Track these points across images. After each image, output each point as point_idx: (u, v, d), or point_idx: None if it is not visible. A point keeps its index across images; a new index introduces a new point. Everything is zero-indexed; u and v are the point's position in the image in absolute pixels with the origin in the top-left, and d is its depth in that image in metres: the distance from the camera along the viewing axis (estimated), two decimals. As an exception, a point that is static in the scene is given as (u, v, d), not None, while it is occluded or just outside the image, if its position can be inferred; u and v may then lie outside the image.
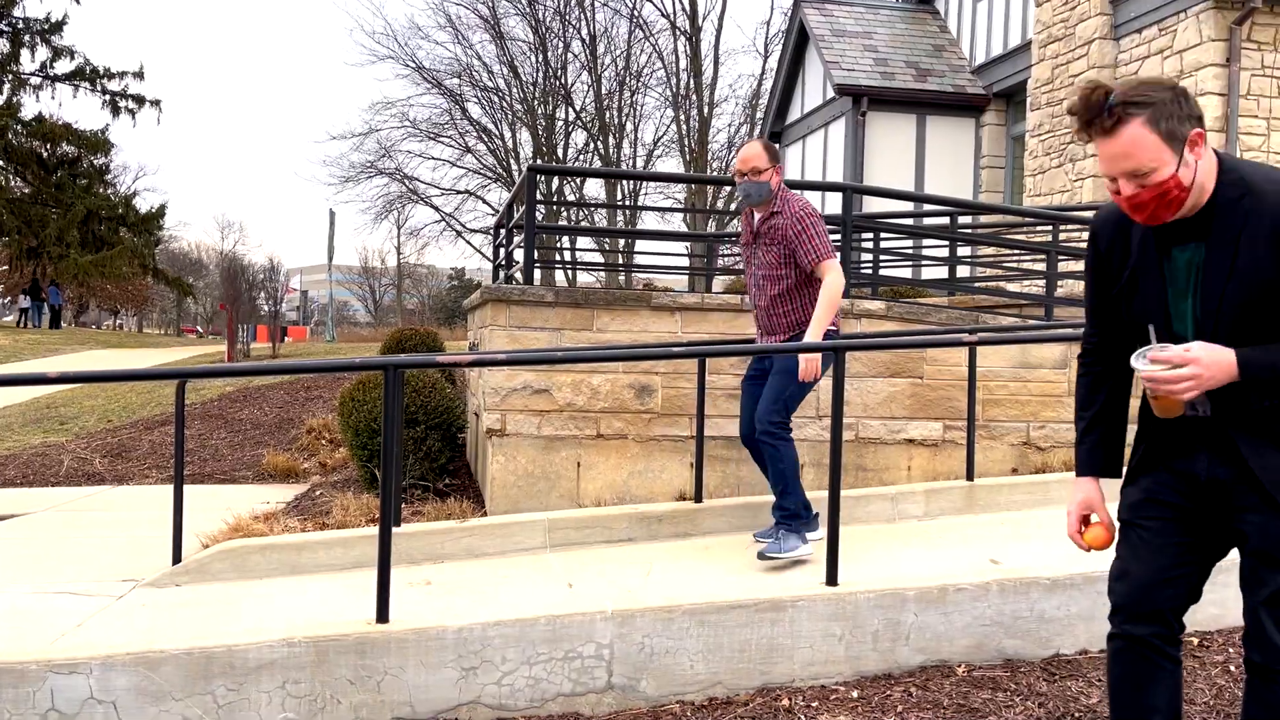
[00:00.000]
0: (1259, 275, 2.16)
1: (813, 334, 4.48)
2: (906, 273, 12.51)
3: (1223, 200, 2.20)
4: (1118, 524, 2.47)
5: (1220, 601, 3.91)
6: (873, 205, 13.63)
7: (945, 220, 10.93)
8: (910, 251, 10.46)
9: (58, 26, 33.07)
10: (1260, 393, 2.21)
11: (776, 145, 8.99)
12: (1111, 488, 2.48)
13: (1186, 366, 2.15)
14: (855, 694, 3.52)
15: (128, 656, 3.26)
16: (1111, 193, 2.22)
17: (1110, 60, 12.38)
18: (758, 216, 4.84)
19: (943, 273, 11.04)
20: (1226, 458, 2.28)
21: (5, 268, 42.54)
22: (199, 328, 59.12)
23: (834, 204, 14.91)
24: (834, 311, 4.58)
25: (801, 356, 4.44)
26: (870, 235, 10.32)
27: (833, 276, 4.56)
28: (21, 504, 7.75)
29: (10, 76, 32.47)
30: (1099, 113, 2.13)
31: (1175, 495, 2.36)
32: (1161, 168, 2.12)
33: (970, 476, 6.20)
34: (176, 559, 5.33)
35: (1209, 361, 2.15)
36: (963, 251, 11.41)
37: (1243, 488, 2.25)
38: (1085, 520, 2.49)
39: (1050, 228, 9.43)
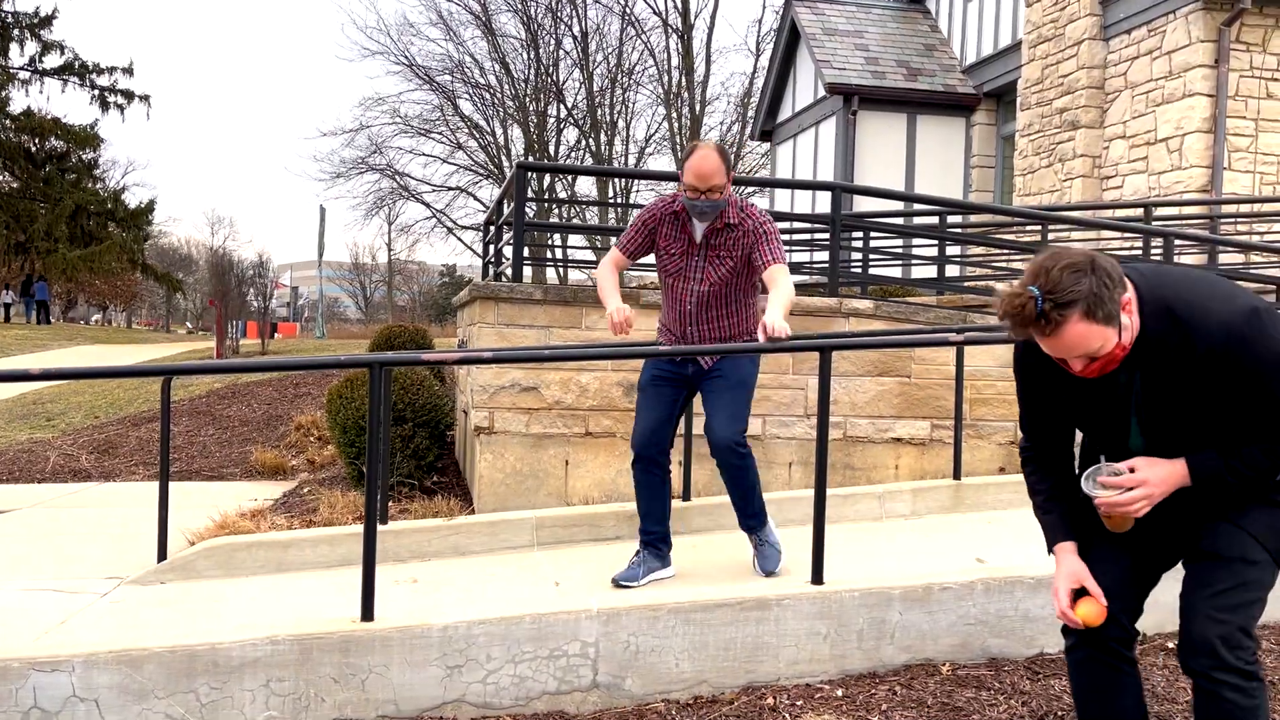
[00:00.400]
0: (1196, 397, 2.21)
1: (779, 322, 4.06)
2: (896, 272, 12.53)
3: (1152, 333, 2.22)
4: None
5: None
6: (862, 204, 13.65)
7: (935, 220, 10.96)
8: (900, 251, 10.47)
9: (47, 21, 32.91)
10: (1217, 487, 2.28)
11: (729, 148, 8.77)
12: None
13: (1137, 489, 2.24)
14: (840, 693, 3.53)
15: (110, 654, 3.24)
16: (1059, 361, 2.25)
17: (1100, 61, 12.42)
18: (700, 226, 4.28)
19: (932, 272, 11.06)
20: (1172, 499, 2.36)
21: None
22: (189, 323, 58.86)
23: (824, 203, 14.93)
24: (790, 308, 4.40)
25: (780, 321, 4.04)
26: (860, 234, 10.33)
27: (788, 277, 4.30)
28: (7, 501, 7.71)
29: (-2, 70, 32.30)
30: (1033, 321, 2.13)
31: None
32: (1105, 343, 2.15)
33: (957, 475, 6.21)
34: (162, 556, 5.31)
35: (1157, 479, 2.24)
36: (952, 251, 11.44)
37: (1187, 503, 2.33)
38: (1074, 594, 2.42)
39: (1039, 227, 9.46)
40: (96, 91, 33.46)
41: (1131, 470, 2.26)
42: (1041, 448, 2.53)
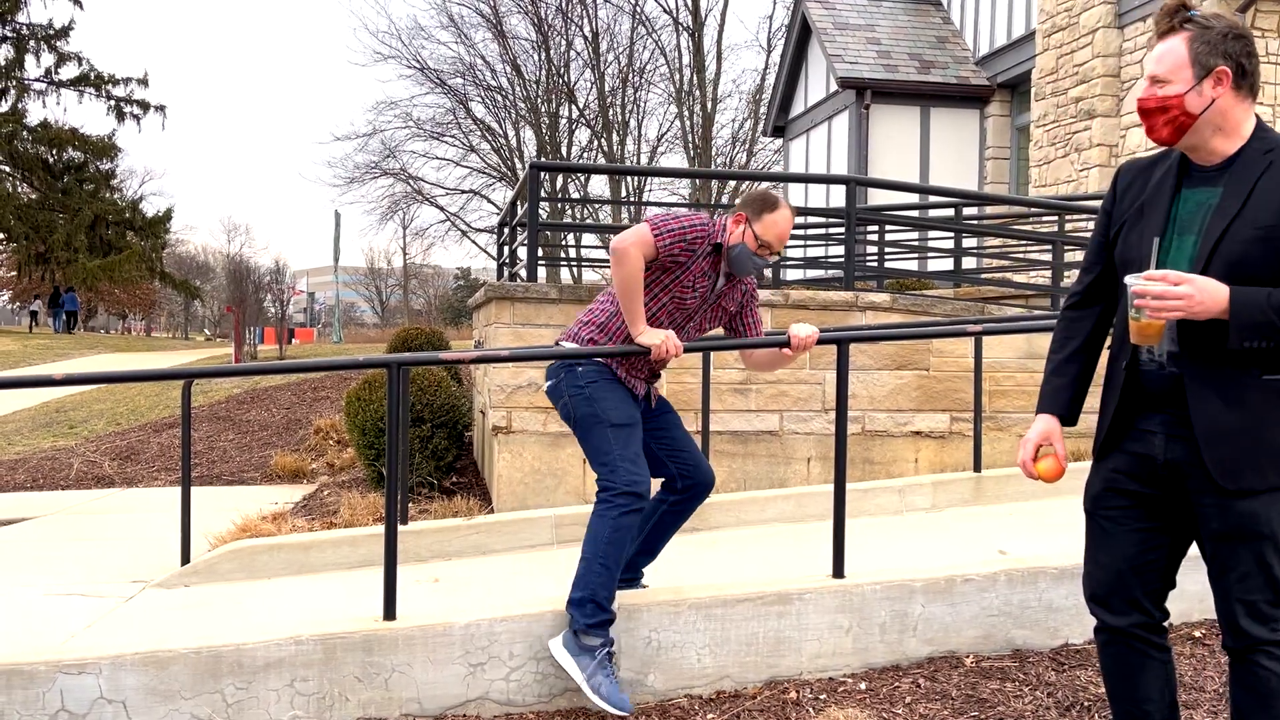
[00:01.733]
0: (1266, 220, 2.18)
1: (806, 328, 3.75)
2: (912, 265, 12.48)
3: (1249, 153, 2.25)
4: (1083, 514, 2.48)
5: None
6: (877, 198, 13.59)
7: (950, 212, 10.91)
8: (915, 244, 10.43)
9: (63, 32, 33.16)
10: (1243, 333, 2.18)
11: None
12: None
13: (1181, 285, 2.16)
14: (863, 686, 3.52)
15: (137, 656, 3.27)
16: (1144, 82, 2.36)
17: (1115, 49, 12.33)
18: (722, 283, 3.69)
19: (948, 265, 11.01)
20: (1181, 435, 2.27)
21: (13, 273, 42.67)
22: (206, 330, 59.22)
23: (838, 197, 14.89)
24: None
25: (806, 327, 3.72)
26: (875, 228, 10.30)
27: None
28: (32, 507, 7.78)
29: (14, 82, 32.58)
30: (1167, 13, 2.27)
31: (1134, 483, 2.36)
32: (1174, 83, 2.23)
33: (978, 468, 6.18)
34: (185, 560, 5.35)
35: (1203, 287, 2.16)
36: (968, 243, 11.38)
37: (1198, 471, 2.25)
38: (1038, 450, 2.49)
39: (1056, 218, 9.40)
40: (112, 102, 33.70)
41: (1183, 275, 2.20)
42: (1092, 284, 2.49)
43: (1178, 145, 2.31)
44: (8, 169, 32.54)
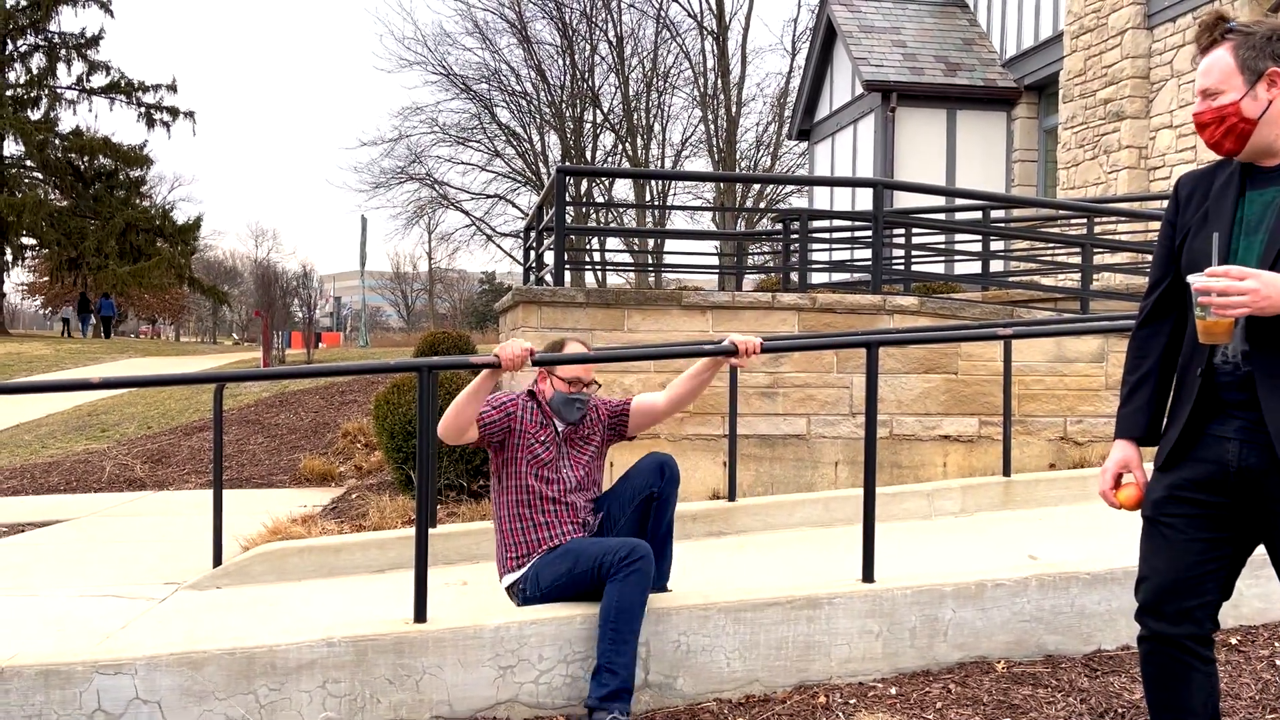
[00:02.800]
0: None
1: (741, 337, 3.75)
2: (939, 268, 12.41)
3: None
4: (1142, 520, 2.42)
5: (1265, 595, 3.85)
6: (902, 201, 13.53)
7: (978, 215, 10.84)
8: (943, 247, 10.37)
9: (93, 41, 33.62)
10: None
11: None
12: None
13: (1247, 280, 2.12)
14: (893, 691, 3.50)
15: (171, 657, 3.30)
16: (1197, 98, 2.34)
17: (1144, 50, 12.22)
18: (562, 426, 3.79)
19: (975, 268, 10.94)
20: (1258, 441, 2.23)
21: (45, 279, 43.27)
22: (234, 335, 59.77)
23: (865, 200, 14.83)
24: None
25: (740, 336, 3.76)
26: (901, 231, 10.25)
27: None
28: (66, 510, 7.88)
29: (47, 91, 33.04)
30: (1206, 29, 2.27)
31: (1202, 491, 2.31)
32: (1227, 92, 2.23)
33: (1007, 472, 6.14)
34: (217, 562, 5.40)
35: (1269, 281, 2.12)
36: (996, 246, 11.31)
37: (1275, 477, 2.20)
38: (1119, 479, 2.45)
39: (1085, 220, 9.32)
40: (142, 109, 34.12)
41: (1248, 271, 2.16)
42: (1161, 298, 2.43)
43: (1242, 154, 2.28)
44: (40, 176, 33.02)
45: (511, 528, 3.72)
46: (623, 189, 33.26)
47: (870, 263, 7.25)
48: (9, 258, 33.79)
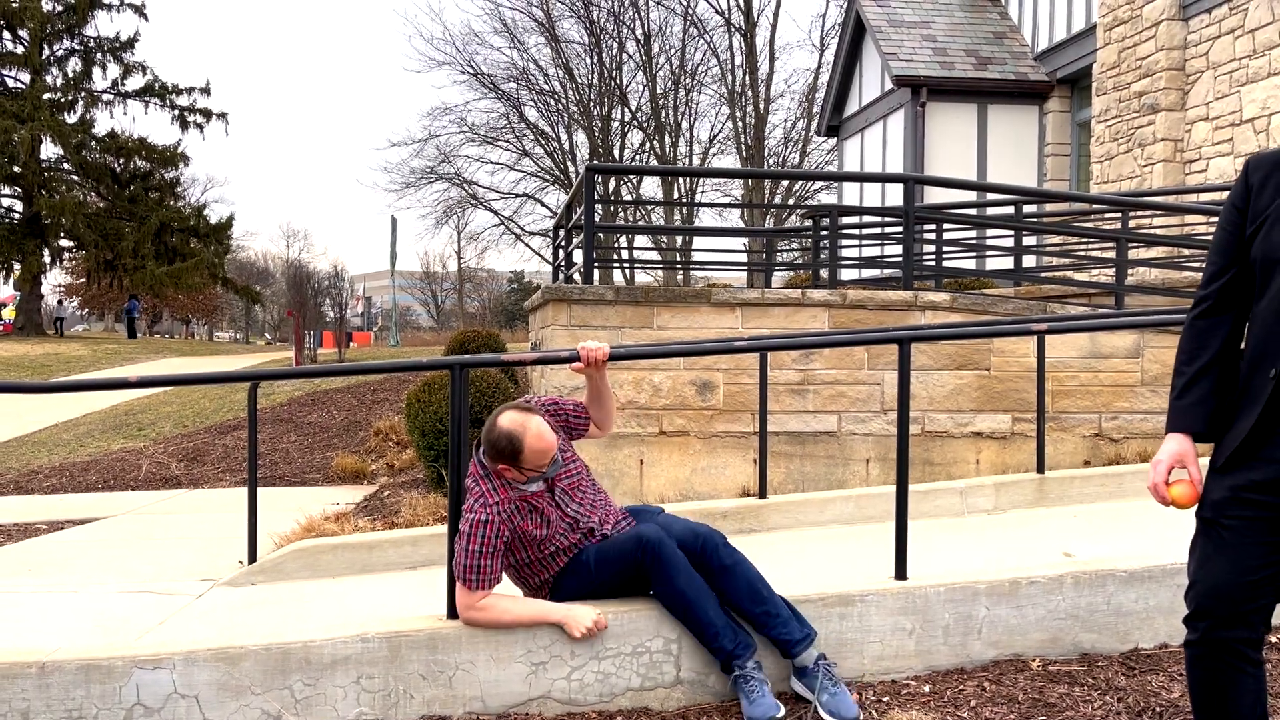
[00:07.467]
0: None
1: (590, 342, 3.77)
2: (971, 264, 12.31)
3: None
4: (1198, 521, 2.35)
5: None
6: (933, 197, 13.43)
7: (1010, 210, 10.74)
8: (974, 242, 10.29)
9: (129, 44, 34.05)
10: None
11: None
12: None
13: None
14: (927, 688, 3.48)
15: (209, 652, 3.34)
16: None
17: (1179, 42, 12.05)
18: (538, 484, 3.54)
19: (1008, 263, 10.84)
20: None
21: (83, 280, 43.89)
22: (267, 335, 60.36)
23: (894, 196, 14.73)
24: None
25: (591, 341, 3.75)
26: (933, 227, 10.17)
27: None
28: (103, 508, 8.00)
29: (83, 94, 33.50)
30: None
31: (1267, 494, 2.23)
32: None
33: (1040, 469, 6.08)
34: (252, 559, 5.46)
35: None
36: (1028, 241, 11.20)
37: None
38: (1171, 473, 2.34)
39: (1119, 214, 9.21)
40: (176, 111, 34.50)
41: None
42: (1223, 287, 2.32)
43: None
44: (77, 178, 33.48)
45: (520, 575, 3.59)
46: (651, 187, 33.25)
47: (901, 259, 7.21)
48: (47, 259, 34.30)
